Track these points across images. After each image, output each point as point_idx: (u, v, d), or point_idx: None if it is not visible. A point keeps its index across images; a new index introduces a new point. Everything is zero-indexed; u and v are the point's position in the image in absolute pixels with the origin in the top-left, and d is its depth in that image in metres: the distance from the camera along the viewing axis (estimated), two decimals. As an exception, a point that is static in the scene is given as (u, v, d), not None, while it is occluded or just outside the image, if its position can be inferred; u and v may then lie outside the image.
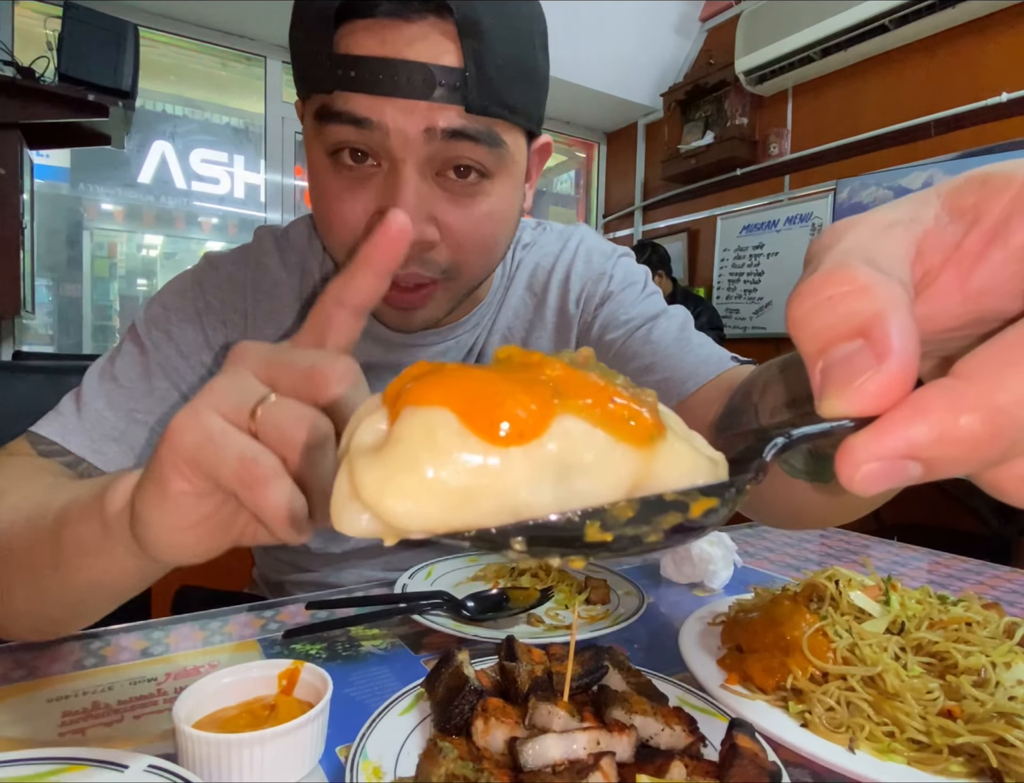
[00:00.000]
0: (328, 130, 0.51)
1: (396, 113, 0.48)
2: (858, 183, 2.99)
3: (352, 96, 0.48)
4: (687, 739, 0.37)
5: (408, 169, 0.50)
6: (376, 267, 0.33)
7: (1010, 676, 0.41)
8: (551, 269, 0.75)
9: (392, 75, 0.47)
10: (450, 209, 0.53)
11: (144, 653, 0.52)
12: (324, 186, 0.54)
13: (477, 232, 0.55)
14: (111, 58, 2.16)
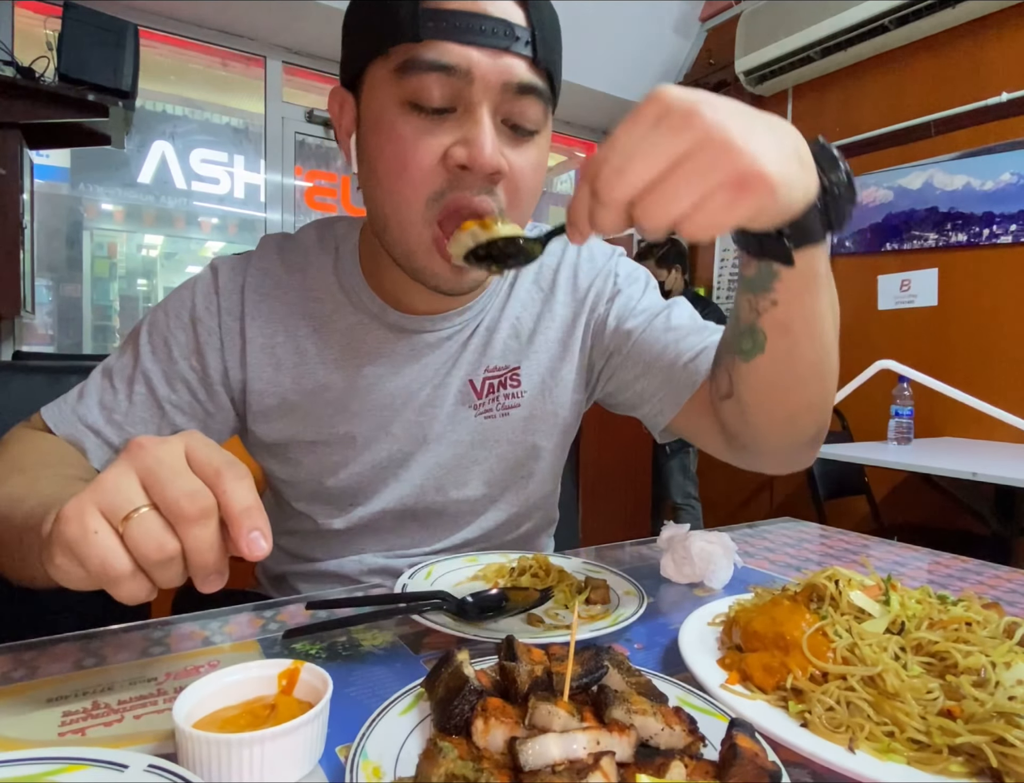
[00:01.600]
0: (411, 79, 0.56)
1: (482, 59, 0.55)
2: (858, 183, 2.98)
3: (442, 44, 0.54)
4: (687, 739, 0.37)
5: (484, 111, 0.56)
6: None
7: (1010, 676, 0.41)
8: (557, 267, 0.79)
9: (480, 26, 0.54)
10: (510, 152, 0.59)
11: (144, 653, 0.52)
12: (397, 132, 0.58)
13: (529, 177, 0.61)
14: (111, 58, 2.15)
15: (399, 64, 0.56)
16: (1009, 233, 2.50)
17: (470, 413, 0.75)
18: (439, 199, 0.58)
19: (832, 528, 1.01)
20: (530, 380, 0.77)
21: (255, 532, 0.37)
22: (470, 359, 0.75)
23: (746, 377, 0.60)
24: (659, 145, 0.38)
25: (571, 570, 0.68)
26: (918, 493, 2.64)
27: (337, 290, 0.72)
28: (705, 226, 0.39)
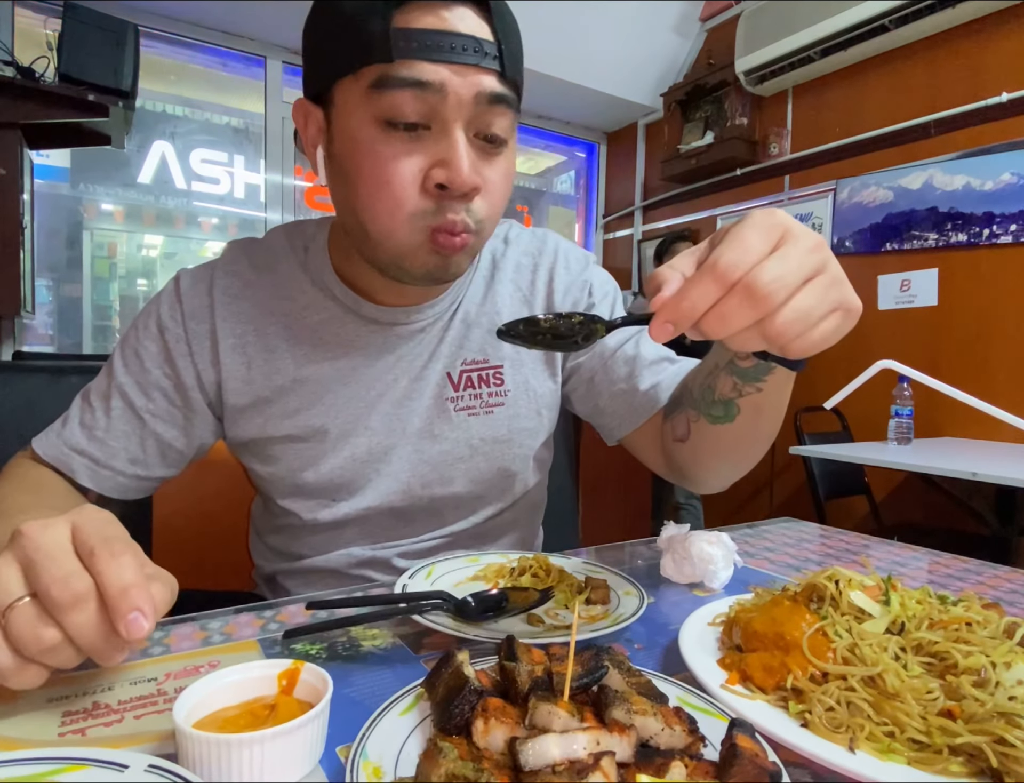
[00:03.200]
0: (386, 97, 0.57)
1: (453, 76, 0.56)
2: (858, 183, 2.99)
3: (415, 63, 0.56)
4: (687, 739, 0.37)
5: (458, 129, 0.58)
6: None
7: (1010, 676, 0.41)
8: (534, 268, 0.81)
9: (450, 44, 0.56)
10: (484, 166, 0.61)
11: (144, 653, 0.52)
12: (375, 151, 0.59)
13: (502, 187, 0.64)
14: (111, 58, 2.16)
15: (372, 82, 0.57)
16: (1009, 233, 2.50)
17: (450, 407, 0.75)
18: (423, 217, 0.60)
19: (832, 528, 1.01)
20: (513, 380, 0.78)
21: (133, 613, 0.37)
22: (447, 352, 0.76)
23: (707, 434, 0.68)
24: (805, 264, 0.41)
25: (571, 570, 0.68)
26: (918, 493, 2.65)
27: (308, 286, 0.73)
28: (816, 342, 0.43)
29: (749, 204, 3.49)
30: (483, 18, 0.58)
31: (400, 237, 0.62)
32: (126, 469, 0.70)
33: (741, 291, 0.39)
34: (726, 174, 3.53)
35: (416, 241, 0.62)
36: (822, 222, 3.14)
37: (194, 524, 0.98)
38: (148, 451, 0.71)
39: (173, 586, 0.42)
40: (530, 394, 0.79)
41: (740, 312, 0.40)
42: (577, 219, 4.61)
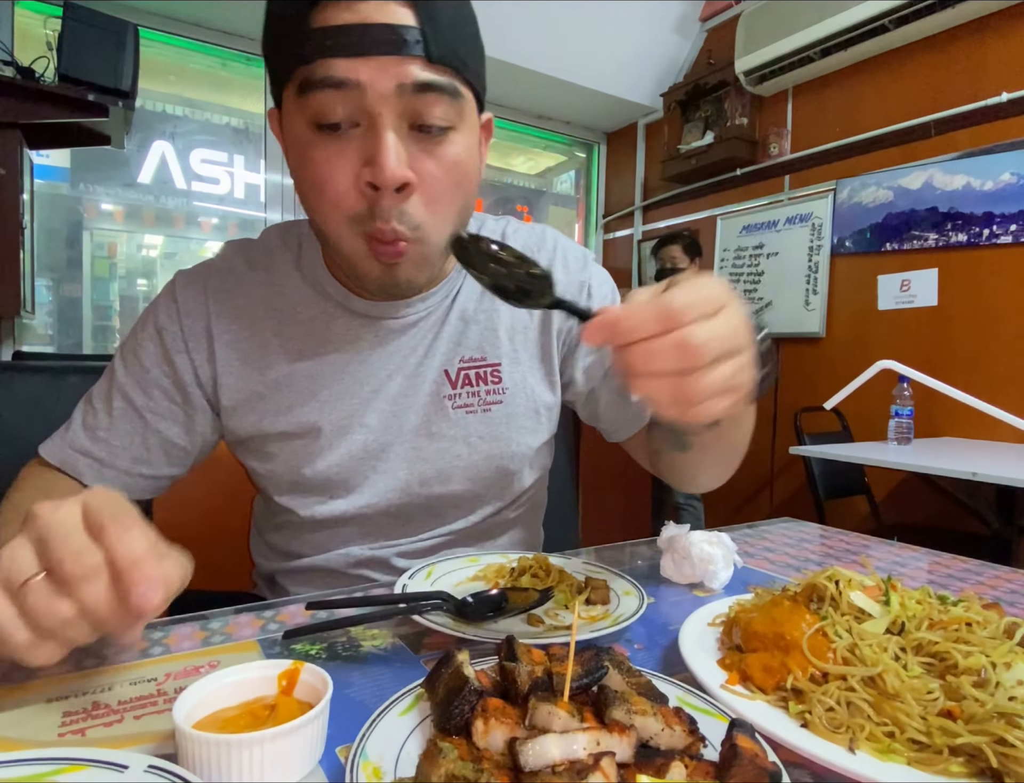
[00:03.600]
0: (311, 99, 0.56)
1: (371, 71, 0.55)
2: (858, 183, 2.99)
3: (332, 61, 0.55)
4: (687, 739, 0.37)
5: (384, 122, 0.56)
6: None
7: (1010, 676, 0.41)
8: (547, 252, 0.80)
9: (364, 37, 0.54)
10: (423, 158, 0.59)
11: (144, 653, 0.52)
12: (310, 156, 0.59)
13: (447, 179, 0.61)
14: (111, 58, 2.15)
15: (298, 86, 0.57)
16: (1009, 233, 2.50)
17: (447, 405, 0.75)
18: (360, 222, 0.60)
19: (832, 528, 1.01)
20: (511, 378, 0.77)
21: (144, 585, 0.38)
22: (444, 349, 0.75)
23: (672, 457, 0.75)
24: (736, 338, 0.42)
25: (571, 570, 0.68)
26: (918, 493, 2.64)
27: (301, 282, 0.74)
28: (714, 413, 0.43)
29: (749, 204, 3.49)
30: (405, 3, 0.55)
31: (345, 242, 0.62)
32: (131, 468, 0.71)
33: (677, 338, 0.40)
34: (726, 174, 3.53)
35: (359, 247, 0.62)
36: (822, 222, 3.14)
37: (194, 525, 0.98)
38: (152, 450, 0.71)
39: (185, 566, 0.43)
40: (527, 392, 0.78)
41: (667, 356, 0.40)
42: (577, 219, 4.61)
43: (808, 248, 3.21)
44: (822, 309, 3.14)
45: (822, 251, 3.14)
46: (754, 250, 3.47)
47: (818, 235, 3.16)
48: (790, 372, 3.29)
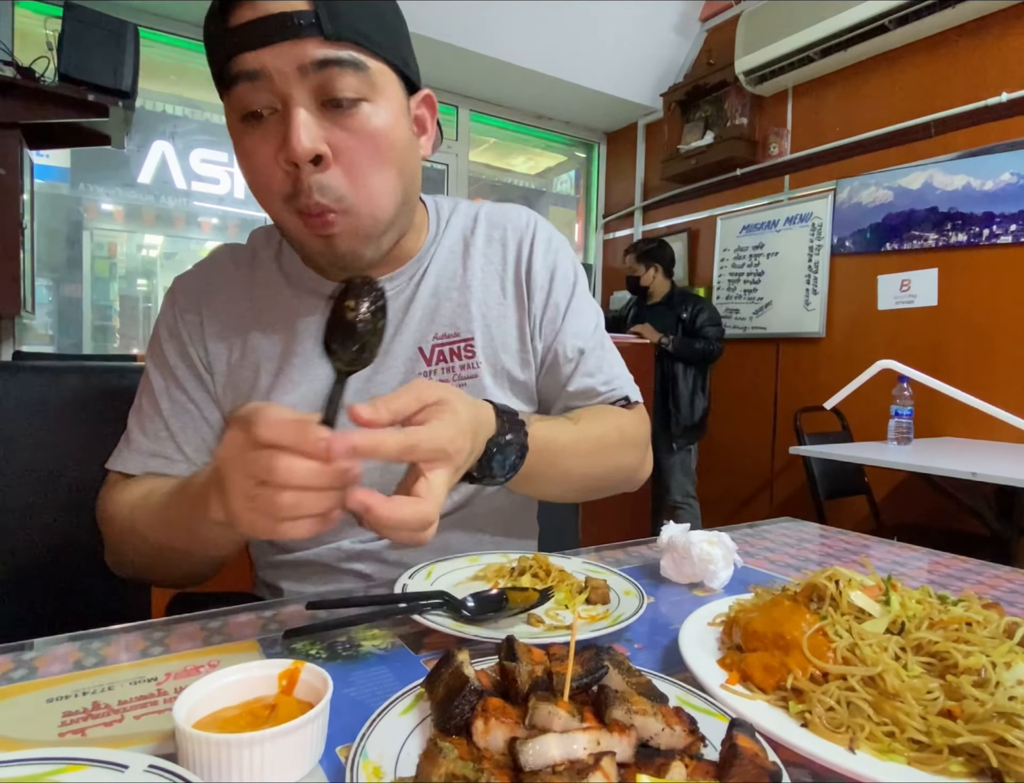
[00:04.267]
0: (232, 95, 0.61)
1: (272, 58, 0.58)
2: (858, 183, 2.99)
3: (242, 56, 0.59)
4: (687, 739, 0.37)
5: (294, 102, 0.60)
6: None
7: (1010, 676, 0.41)
8: (503, 241, 0.82)
9: (263, 29, 0.58)
10: (337, 131, 0.62)
11: (144, 653, 0.52)
12: (243, 147, 0.64)
13: (365, 150, 0.63)
14: (111, 58, 2.15)
15: (223, 84, 0.62)
16: (1009, 233, 2.50)
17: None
18: (291, 199, 0.63)
19: (832, 528, 1.01)
20: (484, 352, 0.79)
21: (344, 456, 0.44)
22: (415, 327, 0.77)
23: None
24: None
25: (571, 570, 0.68)
26: (918, 493, 2.64)
27: (277, 273, 0.78)
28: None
29: (749, 204, 3.49)
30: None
31: (285, 222, 0.66)
32: (197, 458, 0.75)
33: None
34: (726, 174, 3.53)
35: (296, 225, 0.65)
36: (822, 222, 3.14)
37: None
38: (206, 437, 0.76)
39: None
40: (499, 366, 0.80)
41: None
42: (577, 219, 4.61)
43: (808, 248, 3.21)
44: (822, 309, 3.14)
45: (822, 251, 3.14)
46: (754, 250, 3.47)
47: (818, 235, 3.16)
48: (790, 372, 3.29)
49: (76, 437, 0.89)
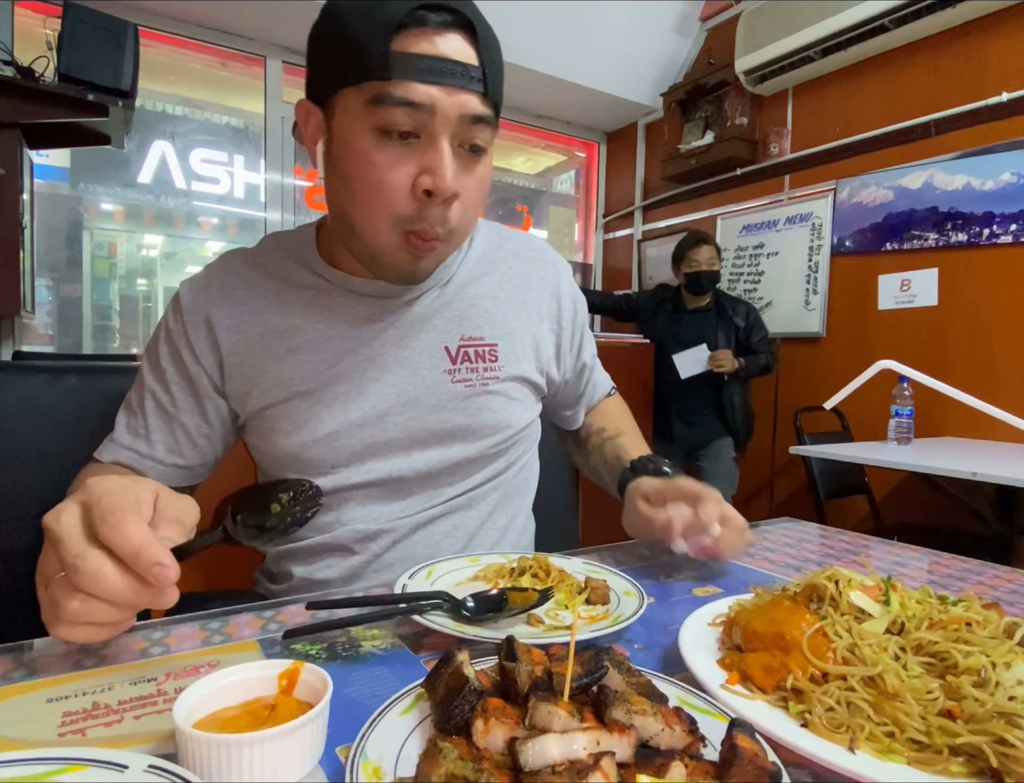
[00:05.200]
0: (382, 111, 0.64)
1: (443, 96, 0.64)
2: (858, 183, 2.99)
3: (409, 83, 0.63)
4: (687, 739, 0.37)
5: (444, 142, 0.65)
6: None
7: (1010, 676, 0.41)
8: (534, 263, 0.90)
9: (441, 68, 0.63)
10: (464, 174, 0.68)
11: (144, 653, 0.52)
12: (371, 158, 0.66)
13: (478, 193, 0.71)
14: (111, 58, 2.15)
15: (371, 97, 0.64)
16: (1009, 233, 2.50)
17: (446, 379, 0.80)
18: (405, 221, 0.67)
19: (832, 528, 1.01)
20: (507, 357, 0.84)
21: (155, 567, 0.41)
22: (443, 327, 0.81)
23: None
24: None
25: (571, 570, 0.69)
26: (918, 493, 2.64)
27: (297, 269, 0.80)
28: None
29: (749, 204, 3.49)
30: (471, 44, 0.65)
31: (382, 237, 0.69)
32: (165, 459, 0.78)
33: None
34: (726, 174, 3.53)
35: (394, 242, 0.69)
36: (822, 222, 3.14)
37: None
38: (180, 441, 0.78)
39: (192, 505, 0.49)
40: (520, 371, 0.85)
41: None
42: (577, 219, 4.61)
43: (808, 248, 3.21)
44: (822, 309, 3.14)
45: (822, 251, 3.14)
46: (754, 250, 3.47)
47: (818, 235, 3.16)
48: (790, 372, 3.29)
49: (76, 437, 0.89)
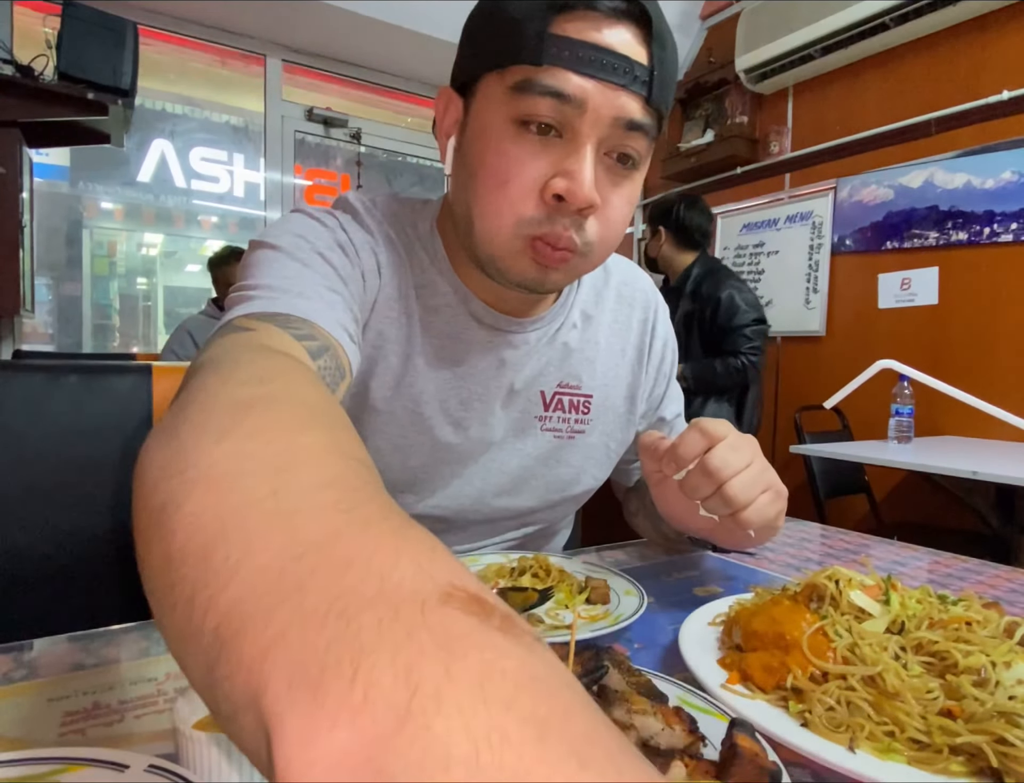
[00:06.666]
0: (526, 100, 0.56)
1: (597, 93, 0.55)
2: (858, 181, 2.99)
3: (561, 72, 0.54)
4: (687, 739, 0.37)
5: (589, 144, 0.56)
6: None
7: (1010, 676, 0.41)
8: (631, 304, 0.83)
9: (601, 60, 0.54)
10: (608, 186, 0.59)
11: (144, 653, 0.52)
12: (503, 148, 0.58)
13: (622, 210, 0.62)
14: (110, 57, 2.15)
15: (516, 83, 0.56)
16: (1010, 232, 2.50)
17: (536, 425, 0.76)
18: (529, 225, 0.58)
19: (832, 527, 1.01)
20: (597, 411, 0.80)
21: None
22: (543, 371, 0.76)
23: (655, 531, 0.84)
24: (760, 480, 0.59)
25: (571, 570, 0.68)
26: (918, 492, 2.64)
27: (428, 265, 0.70)
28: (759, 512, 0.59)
29: (749, 202, 3.49)
30: (642, 41, 0.56)
31: (502, 239, 0.60)
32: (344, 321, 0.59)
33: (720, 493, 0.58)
34: (726, 172, 3.52)
35: (516, 247, 0.60)
36: (822, 221, 3.14)
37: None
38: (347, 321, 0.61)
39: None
40: (608, 428, 0.81)
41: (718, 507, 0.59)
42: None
43: (808, 246, 3.20)
44: (822, 308, 3.14)
45: (822, 249, 3.14)
46: (754, 248, 3.47)
47: (818, 233, 3.16)
48: (790, 371, 3.29)
49: (76, 436, 0.89)
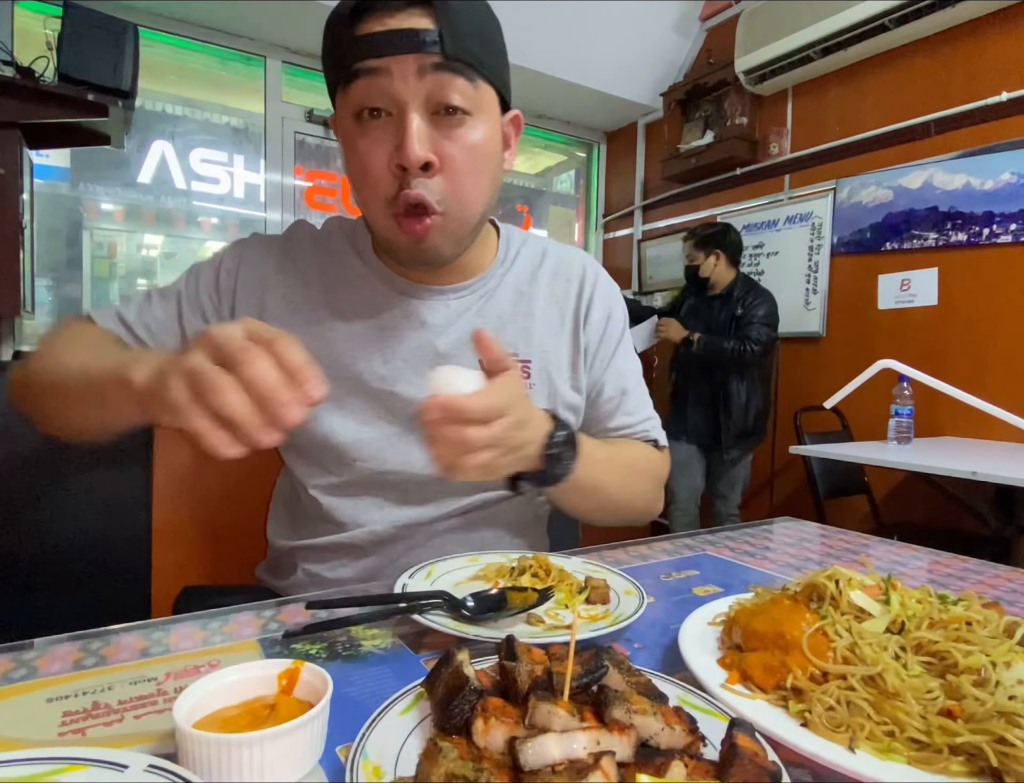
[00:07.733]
0: (351, 90, 0.66)
1: (394, 65, 0.64)
2: (858, 182, 2.99)
3: (367, 60, 0.64)
4: (687, 739, 0.37)
5: (410, 111, 0.65)
6: None
7: (1010, 676, 0.41)
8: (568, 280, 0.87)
9: (390, 40, 0.64)
10: (445, 142, 0.67)
11: (144, 653, 0.52)
12: (355, 145, 0.68)
13: (467, 160, 0.68)
14: (111, 58, 2.15)
15: (343, 82, 0.67)
16: (1009, 233, 2.50)
17: None
18: (393, 203, 0.68)
19: (832, 528, 1.01)
20: (538, 375, 0.83)
21: (311, 380, 0.45)
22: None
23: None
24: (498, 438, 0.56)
25: (571, 570, 0.68)
26: (918, 492, 2.64)
27: (353, 256, 0.82)
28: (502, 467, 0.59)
29: (749, 204, 3.49)
30: (426, 13, 0.65)
31: (380, 223, 0.71)
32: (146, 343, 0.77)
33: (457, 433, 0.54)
34: (726, 174, 3.52)
35: (391, 226, 0.70)
36: (822, 222, 3.14)
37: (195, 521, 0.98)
38: (158, 336, 0.77)
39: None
40: (552, 389, 0.84)
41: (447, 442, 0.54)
42: (577, 219, 4.61)
43: (808, 247, 3.21)
44: (822, 308, 3.14)
45: (822, 250, 3.14)
46: (754, 249, 3.47)
47: (818, 234, 3.16)
48: (790, 372, 3.29)
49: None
